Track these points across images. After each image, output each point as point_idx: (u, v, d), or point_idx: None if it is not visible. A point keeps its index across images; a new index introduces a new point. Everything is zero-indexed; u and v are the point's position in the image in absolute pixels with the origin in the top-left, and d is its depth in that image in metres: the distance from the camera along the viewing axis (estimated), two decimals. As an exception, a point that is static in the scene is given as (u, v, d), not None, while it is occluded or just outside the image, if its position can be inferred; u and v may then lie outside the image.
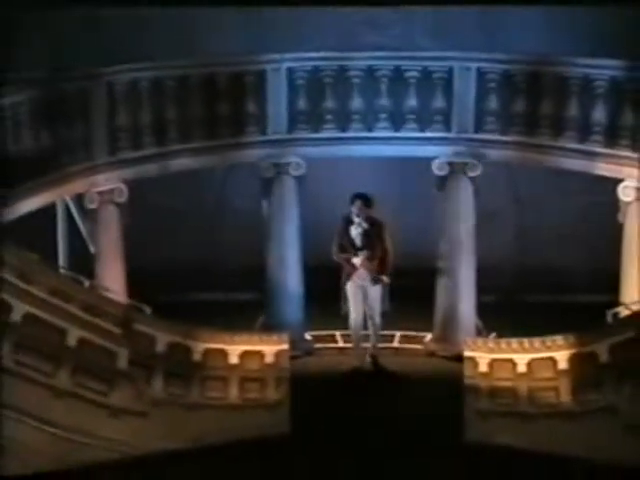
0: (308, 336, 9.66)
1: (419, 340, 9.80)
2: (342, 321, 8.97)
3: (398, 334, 9.83)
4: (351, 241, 8.50)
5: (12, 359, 6.43)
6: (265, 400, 7.17)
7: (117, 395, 6.77)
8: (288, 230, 9.61)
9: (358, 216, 8.45)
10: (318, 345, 9.64)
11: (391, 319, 9.19)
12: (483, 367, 6.97)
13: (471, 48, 9.43)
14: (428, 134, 9.40)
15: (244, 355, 7.20)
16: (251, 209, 10.04)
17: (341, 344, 9.61)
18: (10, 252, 6.49)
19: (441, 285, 9.62)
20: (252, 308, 9.91)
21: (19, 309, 6.45)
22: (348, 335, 9.13)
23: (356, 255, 8.47)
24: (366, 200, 8.48)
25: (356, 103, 9.41)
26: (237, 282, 10.59)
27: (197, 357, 7.09)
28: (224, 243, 10.88)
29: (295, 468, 6.77)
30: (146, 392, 6.87)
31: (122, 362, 6.79)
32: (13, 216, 7.84)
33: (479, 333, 9.54)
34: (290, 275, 9.64)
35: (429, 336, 9.75)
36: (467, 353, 7.05)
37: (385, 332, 9.33)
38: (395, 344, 9.74)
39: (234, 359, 7.17)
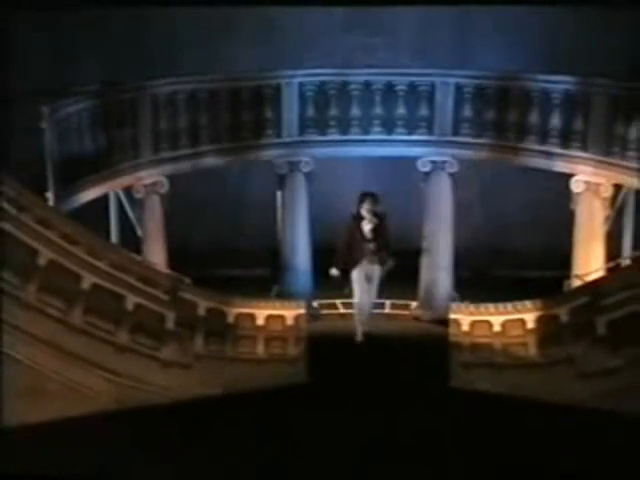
0: (315, 304, 9.75)
1: (406, 307, 9.90)
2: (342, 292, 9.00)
3: (388, 302, 9.91)
4: (363, 235, 8.28)
5: (83, 321, 6.52)
6: (286, 355, 7.30)
7: (166, 350, 6.88)
8: (298, 217, 9.68)
9: (369, 212, 8.23)
10: (323, 311, 9.72)
11: (383, 290, 9.26)
12: (465, 327, 7.10)
13: (446, 66, 9.53)
14: (414, 137, 9.49)
15: (269, 318, 7.30)
16: (266, 200, 10.09)
17: (342, 310, 9.69)
18: (79, 232, 6.57)
19: (424, 262, 9.73)
20: (265, 281, 9.97)
21: (87, 279, 6.54)
22: (347, 304, 9.22)
23: (368, 246, 8.28)
24: (374, 198, 8.27)
25: (355, 111, 9.49)
26: (253, 260, 10.65)
27: (231, 320, 7.18)
28: (244, 228, 10.92)
29: (310, 411, 6.83)
30: (190, 348, 6.97)
31: (170, 323, 6.89)
32: (75, 204, 7.92)
33: (454, 301, 9.63)
34: (300, 254, 9.73)
35: (414, 304, 9.85)
36: (452, 315, 7.17)
37: (377, 300, 9.41)
38: (386, 310, 9.83)
39: (261, 321, 7.27)
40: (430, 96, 9.33)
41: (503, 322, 6.98)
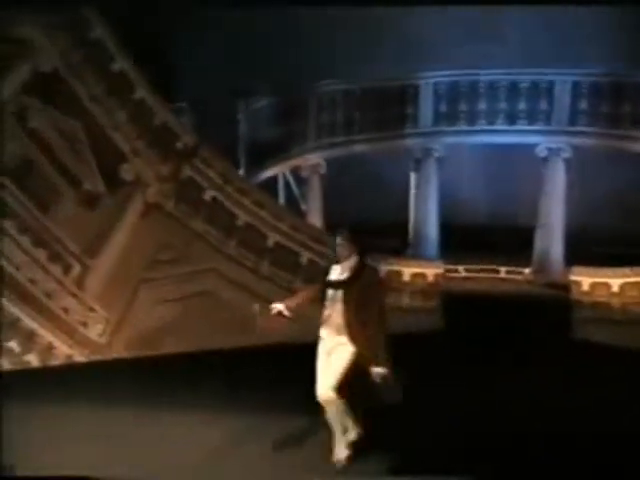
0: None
1: (519, 273, 9.60)
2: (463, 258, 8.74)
3: (504, 269, 9.65)
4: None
5: (269, 271, 6.80)
6: (427, 306, 7.31)
7: (332, 298, 7.05)
8: (430, 195, 9.62)
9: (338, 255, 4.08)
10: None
11: (496, 258, 9.02)
12: (585, 287, 6.84)
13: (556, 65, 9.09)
14: (534, 127, 9.17)
15: (413, 275, 7.36)
16: (399, 180, 10.02)
17: (463, 274, 9.52)
18: (266, 200, 6.83)
19: (539, 234, 9.42)
20: (398, 250, 9.92)
21: (272, 238, 6.81)
22: (470, 269, 9.04)
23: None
24: (343, 234, 4.08)
25: (481, 105, 9.28)
26: (389, 231, 10.61)
27: (382, 275, 7.24)
28: (381, 204, 10.90)
29: (445, 351, 6.78)
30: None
31: (336, 277, 7.03)
32: (257, 181, 8.22)
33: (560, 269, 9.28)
34: (430, 226, 9.65)
35: (527, 270, 9.55)
36: (574, 277, 6.93)
37: (492, 267, 9.20)
38: (502, 275, 9.58)
39: (406, 277, 7.37)
40: (549, 92, 8.97)
41: (621, 284, 6.68)
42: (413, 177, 9.67)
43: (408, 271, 7.31)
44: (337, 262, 4.10)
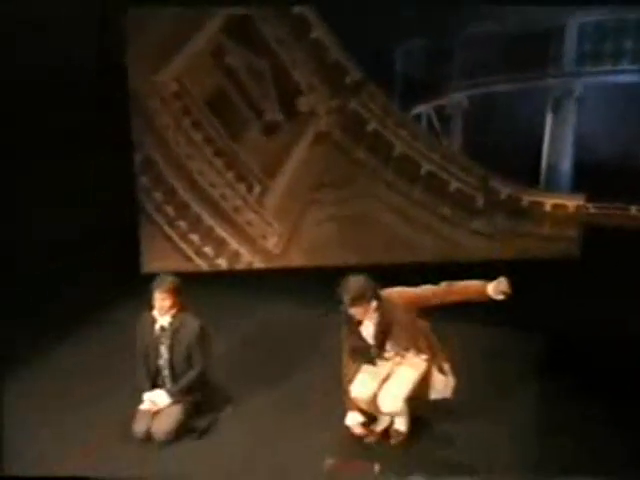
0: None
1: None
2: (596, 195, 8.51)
3: (634, 207, 9.27)
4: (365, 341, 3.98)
5: (421, 197, 7.20)
6: (566, 234, 7.43)
7: (476, 223, 7.39)
8: (567, 134, 9.45)
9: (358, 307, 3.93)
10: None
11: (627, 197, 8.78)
12: None
13: None
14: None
15: (554, 206, 7.45)
16: (537, 118, 9.83)
17: (595, 210, 9.30)
18: (419, 132, 7.15)
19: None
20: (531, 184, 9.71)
21: (425, 167, 7.17)
22: (600, 207, 8.86)
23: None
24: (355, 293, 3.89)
25: (626, 45, 8.91)
26: (524, 167, 10.48)
27: (525, 204, 7.45)
28: (518, 141, 10.77)
29: (581, 280, 6.81)
30: (492, 223, 7.39)
31: (479, 203, 7.34)
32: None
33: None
34: (565, 165, 9.50)
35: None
36: None
37: (623, 204, 8.96)
38: (632, 212, 9.29)
39: (547, 208, 7.46)
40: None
41: None
42: (550, 116, 9.55)
43: (549, 202, 7.42)
44: (358, 323, 3.86)
